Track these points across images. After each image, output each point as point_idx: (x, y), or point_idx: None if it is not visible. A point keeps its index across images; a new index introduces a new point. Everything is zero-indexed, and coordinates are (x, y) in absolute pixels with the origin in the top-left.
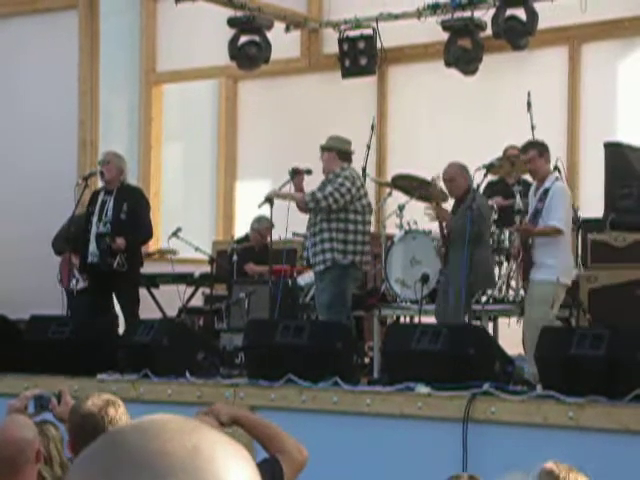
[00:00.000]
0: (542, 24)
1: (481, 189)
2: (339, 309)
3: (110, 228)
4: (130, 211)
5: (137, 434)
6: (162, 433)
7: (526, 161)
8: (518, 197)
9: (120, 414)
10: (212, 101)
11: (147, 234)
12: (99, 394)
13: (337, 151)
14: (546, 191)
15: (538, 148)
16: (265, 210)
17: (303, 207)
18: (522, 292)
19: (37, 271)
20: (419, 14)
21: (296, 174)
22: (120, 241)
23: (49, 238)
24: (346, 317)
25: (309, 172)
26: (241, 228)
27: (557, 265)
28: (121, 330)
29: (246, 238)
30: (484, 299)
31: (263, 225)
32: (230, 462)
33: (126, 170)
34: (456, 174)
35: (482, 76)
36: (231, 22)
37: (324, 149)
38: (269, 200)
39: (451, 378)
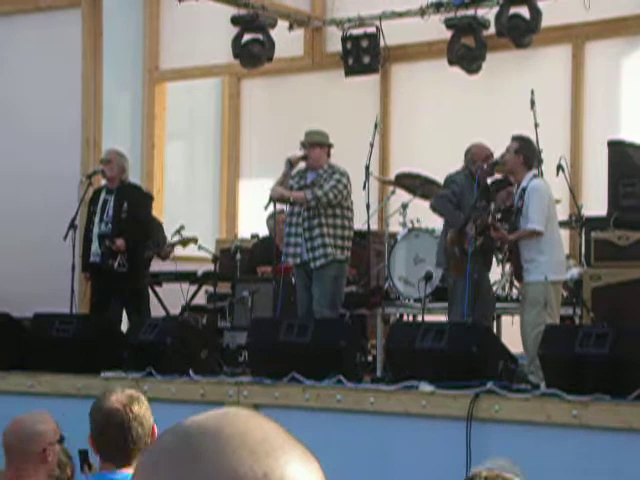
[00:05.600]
0: (546, 22)
1: None
2: (337, 308)
3: (111, 228)
4: (130, 210)
5: (216, 445)
6: (238, 450)
7: (506, 150)
8: (517, 196)
9: (144, 410)
10: (215, 99)
11: (148, 233)
12: (122, 390)
13: (328, 146)
14: (524, 190)
15: (519, 144)
16: (270, 210)
17: (303, 205)
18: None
19: (43, 272)
20: (422, 12)
21: (293, 164)
22: (120, 242)
23: (53, 237)
24: (338, 314)
25: (305, 158)
26: (244, 226)
27: (543, 264)
28: (124, 329)
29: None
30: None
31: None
32: None
33: (128, 168)
34: None
35: (485, 74)
36: (234, 20)
37: (317, 144)
38: (273, 200)
39: (455, 376)
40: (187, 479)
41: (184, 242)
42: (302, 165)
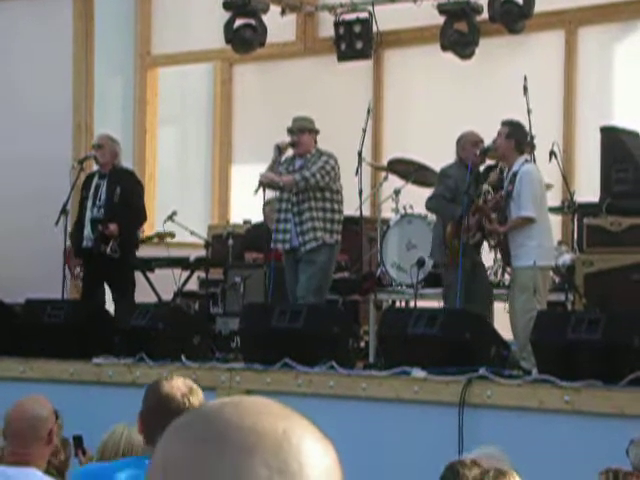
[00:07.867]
0: (538, 7)
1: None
2: (324, 293)
3: (103, 212)
4: (123, 195)
5: (234, 410)
6: (258, 413)
7: (497, 135)
8: (507, 181)
9: (199, 403)
10: (207, 85)
11: (140, 218)
12: (182, 378)
13: (315, 132)
14: (515, 174)
15: (510, 128)
16: (260, 195)
17: (293, 188)
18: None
19: (34, 257)
20: None
21: (282, 151)
22: (113, 227)
23: (44, 223)
24: (323, 300)
25: (293, 145)
26: (236, 212)
27: (532, 249)
28: (112, 314)
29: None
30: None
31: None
32: (315, 453)
33: (120, 153)
34: None
35: (478, 60)
36: (227, 5)
37: (305, 130)
38: (263, 185)
39: (447, 362)
40: (204, 436)
41: (161, 236)
42: (290, 152)
